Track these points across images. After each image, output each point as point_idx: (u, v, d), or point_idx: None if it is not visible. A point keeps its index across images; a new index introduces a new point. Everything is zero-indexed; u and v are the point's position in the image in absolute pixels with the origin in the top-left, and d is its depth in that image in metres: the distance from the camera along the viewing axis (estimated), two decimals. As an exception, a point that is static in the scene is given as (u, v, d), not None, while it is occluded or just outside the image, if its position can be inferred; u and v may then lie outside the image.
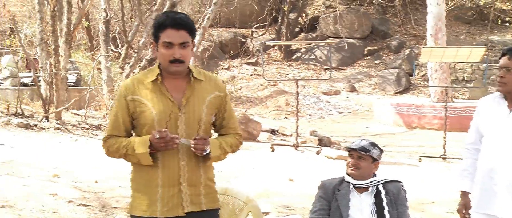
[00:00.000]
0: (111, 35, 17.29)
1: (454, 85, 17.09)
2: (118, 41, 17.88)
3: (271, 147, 9.80)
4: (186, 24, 2.70)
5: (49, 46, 11.20)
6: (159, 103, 2.70)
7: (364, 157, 3.46)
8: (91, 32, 19.00)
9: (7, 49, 13.55)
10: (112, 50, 16.55)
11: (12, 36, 15.17)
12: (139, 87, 2.74)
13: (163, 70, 2.76)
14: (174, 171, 2.72)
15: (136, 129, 2.79)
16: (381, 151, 3.53)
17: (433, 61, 12.76)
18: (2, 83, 13.10)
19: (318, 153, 9.43)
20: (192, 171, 2.75)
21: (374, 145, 3.50)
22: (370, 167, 3.48)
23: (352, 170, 3.47)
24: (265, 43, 11.38)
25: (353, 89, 19.05)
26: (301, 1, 22.68)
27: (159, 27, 2.70)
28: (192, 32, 2.73)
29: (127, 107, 2.75)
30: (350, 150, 3.51)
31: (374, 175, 3.52)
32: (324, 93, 18.45)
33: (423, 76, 18.79)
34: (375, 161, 3.50)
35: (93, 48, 18.22)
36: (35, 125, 9.99)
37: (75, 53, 16.66)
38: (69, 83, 13.18)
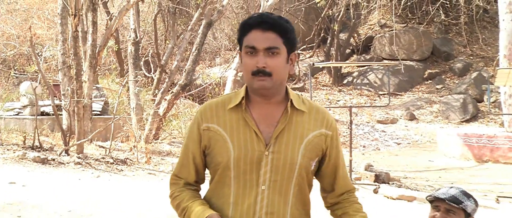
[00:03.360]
0: (143, 59, 17.15)
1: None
2: (151, 65, 17.68)
3: (321, 185, 9.20)
4: (276, 24, 2.24)
5: (72, 70, 10.96)
6: (240, 136, 2.28)
7: (454, 210, 2.82)
8: (121, 56, 18.89)
9: (25, 74, 13.39)
10: (144, 75, 16.36)
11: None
12: (218, 113, 2.33)
13: (250, 90, 2.30)
14: None
15: (209, 168, 2.37)
16: (476, 203, 2.85)
17: (510, 84, 12.10)
18: (21, 112, 12.96)
19: (375, 192, 8.97)
20: None
21: (467, 195, 2.85)
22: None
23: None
24: (313, 65, 10.94)
25: (412, 117, 18.90)
26: (353, 20, 22.33)
27: (243, 28, 2.27)
28: (285, 36, 2.25)
29: (200, 139, 2.34)
30: (435, 200, 2.83)
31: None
32: (380, 122, 18.37)
33: (493, 102, 18.51)
34: (468, 217, 2.81)
35: (124, 73, 18.04)
36: (53, 160, 9.72)
37: (103, 79, 16.49)
38: (94, 112, 12.93)
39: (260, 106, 2.28)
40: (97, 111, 13.51)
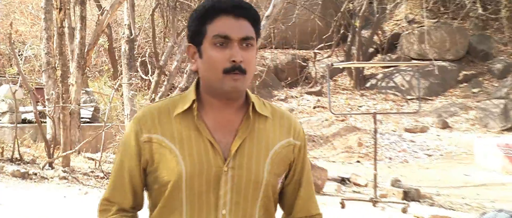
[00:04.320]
0: (140, 59, 17.08)
1: None
2: (149, 66, 17.63)
3: (341, 203, 9.35)
4: (250, 10, 2.06)
5: (57, 72, 10.95)
6: (192, 148, 2.04)
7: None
8: (115, 56, 18.88)
9: (2, 76, 13.40)
10: (141, 77, 16.29)
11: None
12: (162, 120, 2.10)
13: (206, 91, 2.09)
14: None
15: (151, 191, 2.14)
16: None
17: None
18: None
19: (404, 211, 8.91)
20: None
21: (520, 222, 2.68)
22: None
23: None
24: (332, 65, 10.87)
25: (445, 125, 18.85)
26: (377, 15, 22.28)
27: (207, 13, 2.05)
28: (257, 26, 2.09)
29: (139, 153, 2.09)
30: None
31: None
32: (408, 130, 18.33)
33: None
34: (522, 247, 2.67)
35: (117, 75, 18.00)
36: (35, 174, 9.67)
37: (93, 82, 16.47)
38: (83, 119, 12.89)
39: (215, 111, 2.09)
40: (86, 118, 13.52)
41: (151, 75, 16.48)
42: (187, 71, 12.65)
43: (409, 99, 20.59)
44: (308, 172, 2.23)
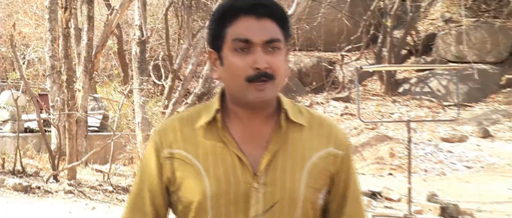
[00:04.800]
0: (152, 63, 17.14)
1: None
2: (162, 70, 17.71)
3: (372, 219, 9.31)
4: (274, 8, 1.97)
5: (62, 76, 11.10)
6: (217, 163, 1.98)
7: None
8: (125, 59, 18.95)
9: (4, 82, 13.50)
10: (153, 82, 16.34)
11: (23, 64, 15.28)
12: (185, 133, 2.03)
13: (231, 101, 2.02)
14: None
15: (176, 212, 2.09)
16: None
17: None
18: (0, 129, 13.04)
19: None
20: None
21: None
22: None
23: None
24: (361, 69, 10.81)
25: (486, 134, 18.62)
26: (411, 14, 22.20)
27: (224, 16, 1.98)
28: (285, 26, 2.00)
29: (160, 171, 2.03)
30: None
31: None
32: (445, 140, 18.16)
33: None
34: None
35: (128, 80, 18.09)
36: (38, 188, 9.76)
37: (102, 87, 16.53)
38: (90, 128, 12.94)
39: (243, 121, 2.01)
40: (94, 127, 13.57)
41: (164, 80, 16.54)
42: (202, 75, 12.64)
43: (446, 106, 20.49)
44: (355, 187, 2.14)
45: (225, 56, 1.97)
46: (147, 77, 13.95)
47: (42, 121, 10.84)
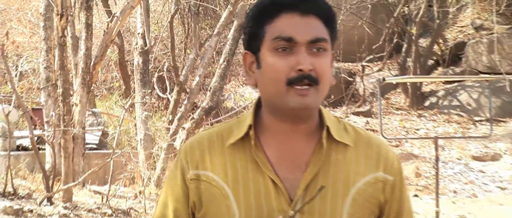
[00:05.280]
0: (156, 74, 17.14)
1: None
2: (167, 82, 17.72)
3: (397, 247, 9.06)
4: (320, 4, 1.94)
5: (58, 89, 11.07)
6: (248, 188, 1.94)
7: None
8: (127, 70, 18.99)
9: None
10: (158, 95, 16.33)
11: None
12: (213, 152, 1.99)
13: (268, 112, 1.95)
14: None
15: None
16: None
17: None
18: (-9, 147, 13.11)
19: None
20: None
21: None
22: None
23: None
24: (383, 80, 10.69)
25: None
26: (438, 21, 22.14)
27: (264, 12, 1.92)
28: (331, 25, 1.96)
29: (185, 194, 2.01)
30: None
31: None
32: (476, 158, 18.03)
33: None
34: None
35: (130, 93, 18.09)
36: (31, 211, 9.68)
37: (102, 101, 16.54)
38: (88, 146, 12.94)
39: (280, 139, 1.94)
40: (92, 144, 13.59)
41: (169, 93, 16.52)
42: (210, 88, 12.57)
43: (477, 121, 20.49)
44: (409, 214, 2.08)
45: (263, 58, 1.91)
46: (150, 90, 13.97)
47: (35, 138, 10.82)
